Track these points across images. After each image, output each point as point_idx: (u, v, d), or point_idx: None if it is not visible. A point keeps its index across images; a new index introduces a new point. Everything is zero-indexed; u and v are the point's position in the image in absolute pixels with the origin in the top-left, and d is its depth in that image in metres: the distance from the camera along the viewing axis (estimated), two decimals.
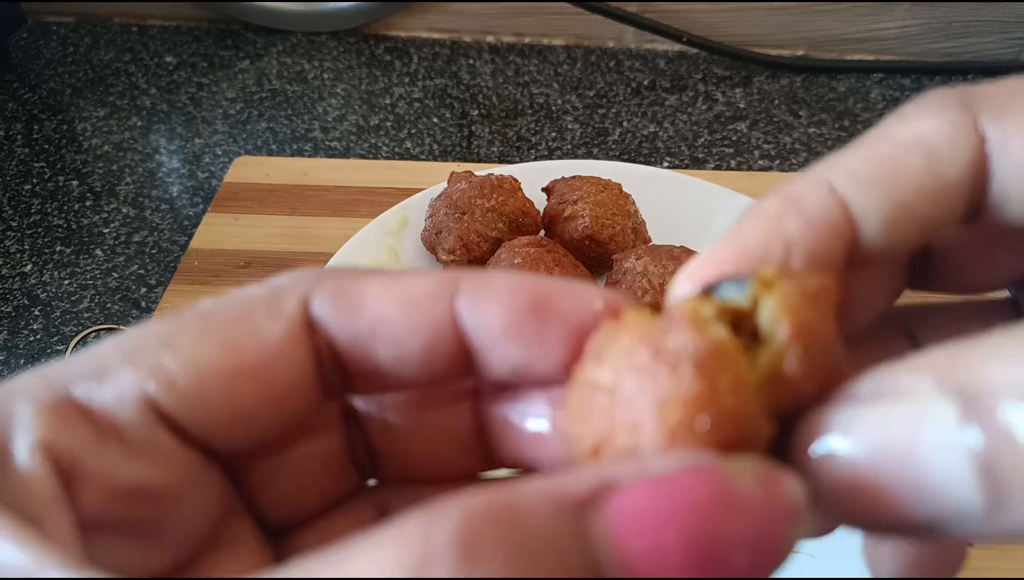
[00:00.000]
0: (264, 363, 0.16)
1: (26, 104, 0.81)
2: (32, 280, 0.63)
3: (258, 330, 0.16)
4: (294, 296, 0.17)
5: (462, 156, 0.76)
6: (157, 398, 0.15)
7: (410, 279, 0.17)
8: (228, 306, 0.17)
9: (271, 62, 0.87)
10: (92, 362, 0.16)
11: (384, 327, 0.17)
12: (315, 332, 0.17)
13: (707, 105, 0.82)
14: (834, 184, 0.17)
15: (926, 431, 0.13)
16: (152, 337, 0.16)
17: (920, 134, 0.16)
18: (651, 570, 0.12)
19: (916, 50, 0.88)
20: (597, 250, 0.56)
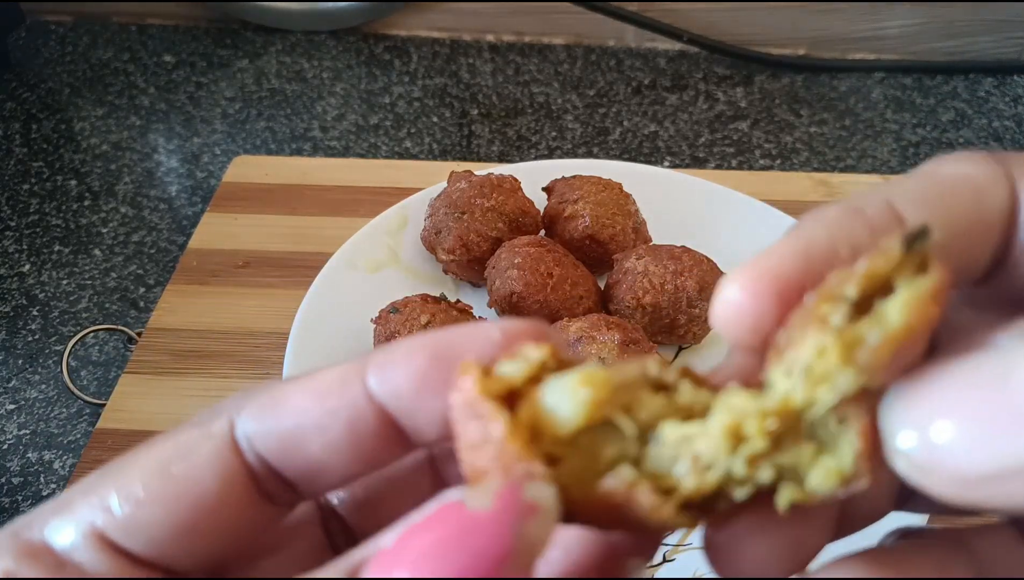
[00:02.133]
0: (194, 484, 0.17)
1: (24, 103, 0.81)
2: (30, 280, 0.62)
3: (189, 453, 0.17)
4: (225, 416, 0.18)
5: (462, 155, 0.75)
6: (104, 530, 0.17)
7: (322, 372, 0.18)
8: (169, 435, 0.18)
9: (270, 61, 0.87)
10: (58, 502, 0.18)
11: (306, 422, 0.18)
12: (241, 447, 0.18)
13: (708, 104, 0.82)
14: (893, 201, 0.17)
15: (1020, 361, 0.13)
16: (107, 473, 0.18)
17: (966, 174, 0.17)
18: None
19: (917, 49, 0.88)
20: (597, 250, 0.56)
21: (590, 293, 0.53)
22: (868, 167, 0.75)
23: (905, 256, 0.15)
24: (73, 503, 0.17)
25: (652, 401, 0.16)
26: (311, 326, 0.53)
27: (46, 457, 0.51)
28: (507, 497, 0.14)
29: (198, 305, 0.58)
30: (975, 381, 0.13)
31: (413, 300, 0.50)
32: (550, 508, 0.15)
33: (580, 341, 0.46)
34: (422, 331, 0.47)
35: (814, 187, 0.69)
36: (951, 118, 0.81)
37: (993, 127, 0.80)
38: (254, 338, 0.56)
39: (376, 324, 0.50)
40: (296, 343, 0.51)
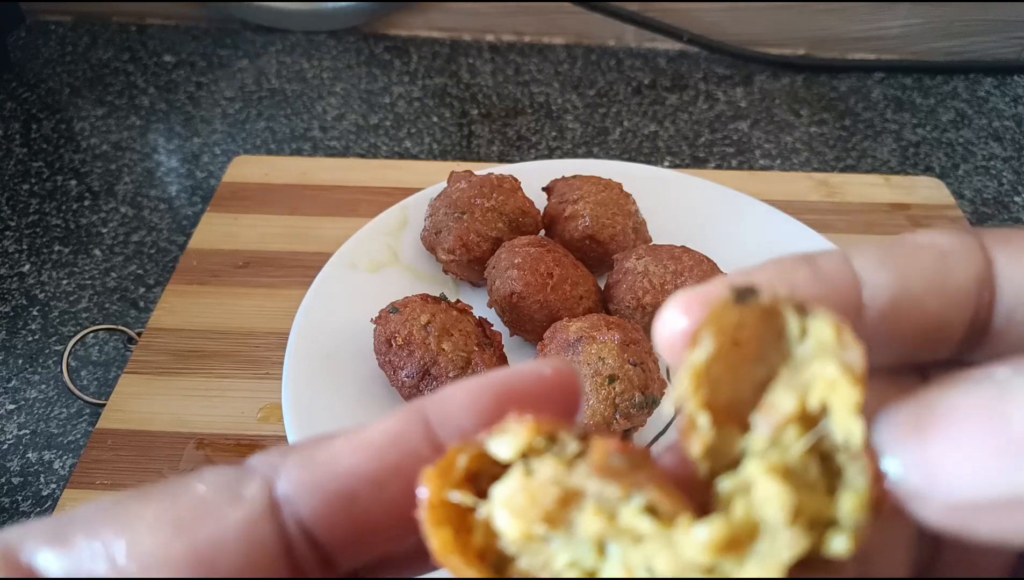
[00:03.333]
0: (220, 551, 0.16)
1: (24, 103, 0.81)
2: (30, 280, 0.62)
3: (217, 515, 0.16)
4: (258, 477, 0.16)
5: (462, 155, 0.75)
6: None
7: (375, 424, 0.17)
8: (195, 488, 0.16)
9: (270, 61, 0.87)
10: (55, 525, 0.16)
11: (362, 480, 0.16)
12: (279, 513, 0.16)
13: (708, 104, 0.82)
14: (851, 258, 0.17)
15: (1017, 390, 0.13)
16: (118, 514, 0.16)
17: (934, 241, 0.17)
18: None
19: (917, 49, 0.88)
20: (597, 250, 0.56)
21: (590, 293, 0.53)
22: (868, 167, 0.75)
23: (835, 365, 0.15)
24: (72, 540, 0.16)
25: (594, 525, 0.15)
26: (311, 326, 0.53)
27: (46, 457, 0.51)
28: None
29: (198, 305, 0.58)
30: (970, 409, 0.13)
31: (413, 300, 0.50)
32: None
33: (580, 341, 0.46)
34: (422, 331, 0.47)
35: (814, 187, 0.69)
36: (951, 118, 0.81)
37: (993, 127, 0.80)
38: (254, 338, 0.56)
39: (376, 324, 0.50)
40: (296, 343, 0.51)
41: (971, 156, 0.77)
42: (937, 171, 0.75)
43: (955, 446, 0.13)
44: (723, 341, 0.15)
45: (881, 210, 0.67)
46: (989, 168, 0.75)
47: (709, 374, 0.15)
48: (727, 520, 0.14)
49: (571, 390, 0.17)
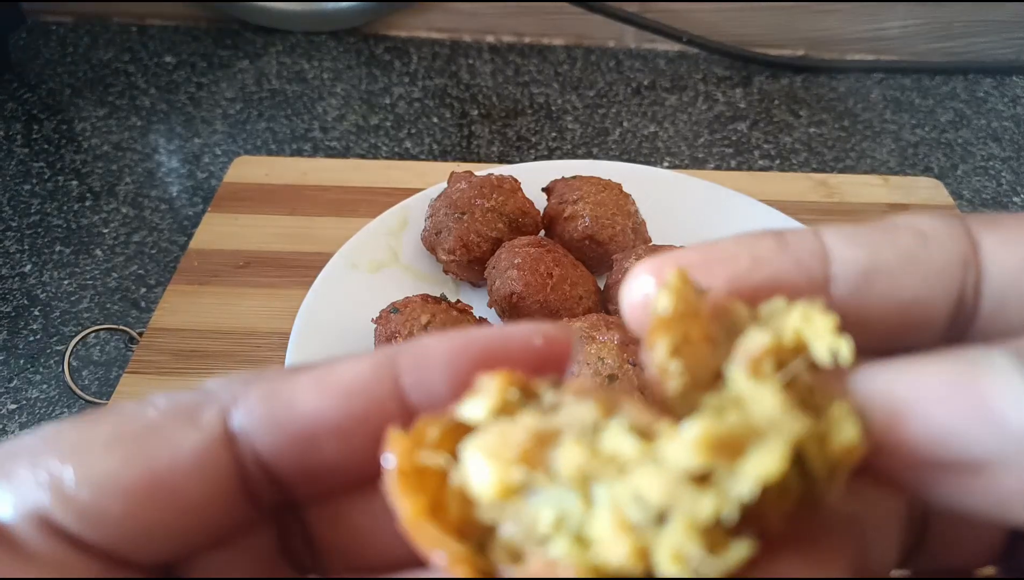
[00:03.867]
0: (173, 478, 0.15)
1: (25, 104, 0.81)
2: (31, 280, 0.63)
3: (170, 442, 0.15)
4: (215, 406, 0.16)
5: (462, 156, 0.76)
6: (52, 513, 0.15)
7: (340, 366, 0.16)
8: (146, 413, 0.16)
9: (271, 62, 0.87)
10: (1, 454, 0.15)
11: (325, 425, 0.16)
12: (235, 444, 0.16)
13: (707, 105, 0.82)
14: (821, 232, 0.17)
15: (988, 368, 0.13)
16: (63, 442, 0.15)
17: (913, 222, 0.17)
18: None
19: (916, 50, 0.88)
20: (597, 250, 0.56)
21: (590, 293, 0.53)
22: (867, 167, 0.75)
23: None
24: (15, 473, 0.15)
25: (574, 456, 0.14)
26: (312, 326, 0.53)
27: None
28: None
29: (199, 305, 0.58)
30: (941, 373, 0.13)
31: (413, 300, 0.50)
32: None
33: (580, 341, 0.47)
34: (423, 331, 0.48)
35: (813, 188, 0.70)
36: (950, 119, 0.81)
37: (992, 127, 0.80)
38: (255, 338, 0.56)
39: (376, 324, 0.50)
40: (297, 343, 0.52)
41: (970, 156, 0.77)
42: (936, 171, 0.75)
43: (924, 409, 0.13)
44: (685, 305, 0.15)
45: (880, 210, 0.68)
46: (988, 168, 0.75)
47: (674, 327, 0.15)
48: (716, 416, 0.13)
49: (563, 360, 0.16)
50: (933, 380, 0.13)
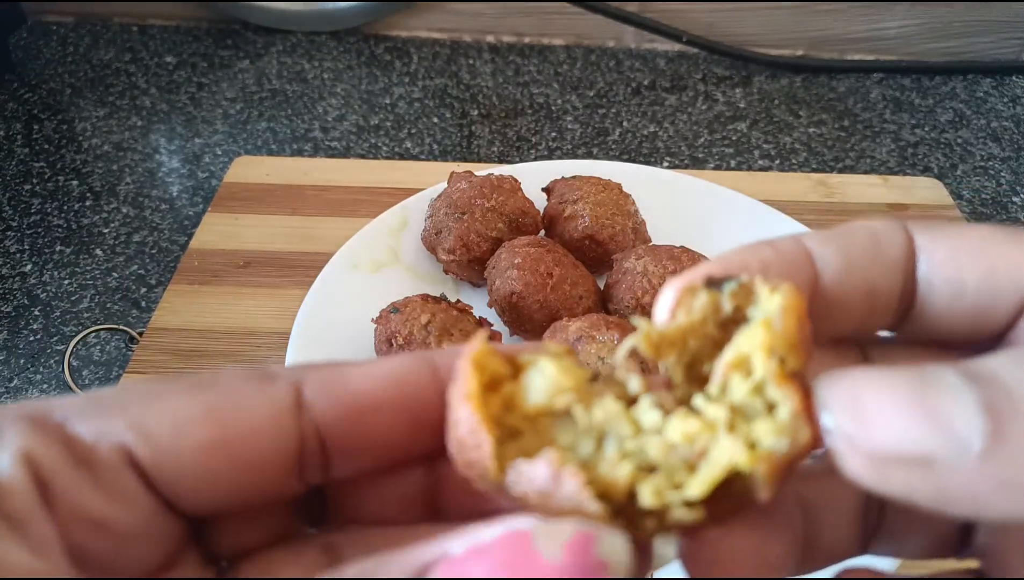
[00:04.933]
0: (245, 438, 0.17)
1: (26, 104, 0.81)
2: (32, 280, 0.63)
3: (246, 405, 0.17)
4: (285, 379, 0.18)
5: (462, 156, 0.76)
6: (133, 448, 0.17)
7: (391, 360, 0.19)
8: (221, 379, 0.18)
9: (271, 62, 0.87)
10: (87, 400, 0.17)
11: (372, 406, 0.18)
12: (302, 413, 0.18)
13: (707, 105, 0.82)
14: (801, 239, 0.20)
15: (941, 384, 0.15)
16: (147, 390, 0.17)
17: (865, 225, 0.20)
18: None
19: (916, 50, 0.88)
20: (597, 250, 0.56)
21: (590, 293, 0.54)
22: (866, 167, 0.75)
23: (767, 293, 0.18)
24: (107, 411, 0.17)
25: (613, 406, 0.17)
26: (312, 326, 0.53)
27: None
28: (578, 552, 0.14)
29: (199, 305, 0.58)
30: (898, 382, 0.15)
31: (413, 300, 0.50)
32: (622, 564, 0.15)
33: (580, 341, 0.47)
34: (423, 331, 0.48)
35: (813, 187, 0.70)
36: (949, 118, 0.81)
37: (992, 127, 0.80)
38: (255, 338, 0.56)
39: (377, 324, 0.50)
40: (297, 343, 0.52)
41: (969, 156, 0.77)
42: (935, 171, 0.75)
43: (882, 410, 0.15)
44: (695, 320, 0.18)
45: (880, 210, 0.68)
46: (987, 168, 0.75)
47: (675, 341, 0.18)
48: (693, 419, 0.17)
49: None
50: (895, 390, 0.15)
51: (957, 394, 0.15)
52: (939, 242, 0.20)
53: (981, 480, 0.15)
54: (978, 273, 0.19)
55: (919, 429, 0.15)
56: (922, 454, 0.15)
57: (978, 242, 0.19)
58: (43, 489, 0.16)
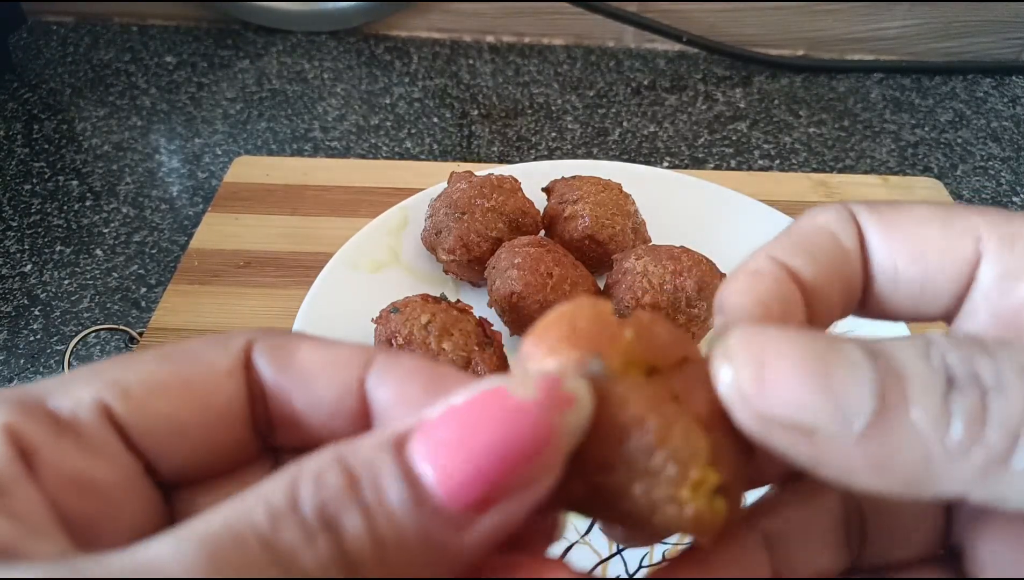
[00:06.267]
0: (205, 385, 0.19)
1: (26, 104, 0.81)
2: (32, 280, 0.63)
3: (205, 359, 0.19)
4: (240, 340, 0.19)
5: (462, 156, 0.76)
6: (111, 404, 0.18)
7: (336, 344, 0.20)
8: (186, 344, 0.19)
9: (271, 62, 0.87)
10: (64, 376, 0.18)
11: (305, 379, 0.19)
12: (251, 372, 0.19)
13: (707, 105, 0.82)
14: (774, 255, 0.21)
15: (841, 355, 0.16)
16: (117, 361, 0.19)
17: (820, 223, 0.21)
18: (447, 488, 0.15)
19: (916, 50, 0.88)
20: (597, 250, 0.56)
21: (590, 293, 0.54)
22: (866, 167, 0.75)
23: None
24: (83, 378, 0.18)
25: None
26: (312, 326, 0.53)
27: None
28: (549, 388, 0.16)
29: (199, 305, 0.58)
30: (805, 351, 0.16)
31: (413, 300, 0.50)
32: (587, 403, 0.16)
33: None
34: (423, 331, 0.48)
35: (813, 188, 0.70)
36: (949, 119, 0.81)
37: (992, 127, 0.80)
38: None
39: (377, 324, 0.50)
40: None
41: (969, 156, 0.77)
42: (935, 171, 0.75)
43: (781, 377, 0.16)
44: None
45: None
46: (987, 168, 0.75)
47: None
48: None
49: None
50: (799, 360, 0.16)
51: (855, 373, 0.16)
52: (878, 228, 0.21)
53: (855, 457, 0.16)
54: (907, 260, 0.20)
55: (811, 402, 0.16)
56: (808, 424, 0.16)
57: (912, 227, 0.20)
58: (27, 459, 0.16)
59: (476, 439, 0.15)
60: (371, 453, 0.15)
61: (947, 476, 0.15)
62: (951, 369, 0.16)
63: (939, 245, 0.20)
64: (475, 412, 0.15)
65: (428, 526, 0.15)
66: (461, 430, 0.15)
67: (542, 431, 0.15)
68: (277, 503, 0.14)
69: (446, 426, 0.15)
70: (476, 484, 0.15)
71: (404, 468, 0.15)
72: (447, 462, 0.15)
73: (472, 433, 0.15)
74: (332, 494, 0.15)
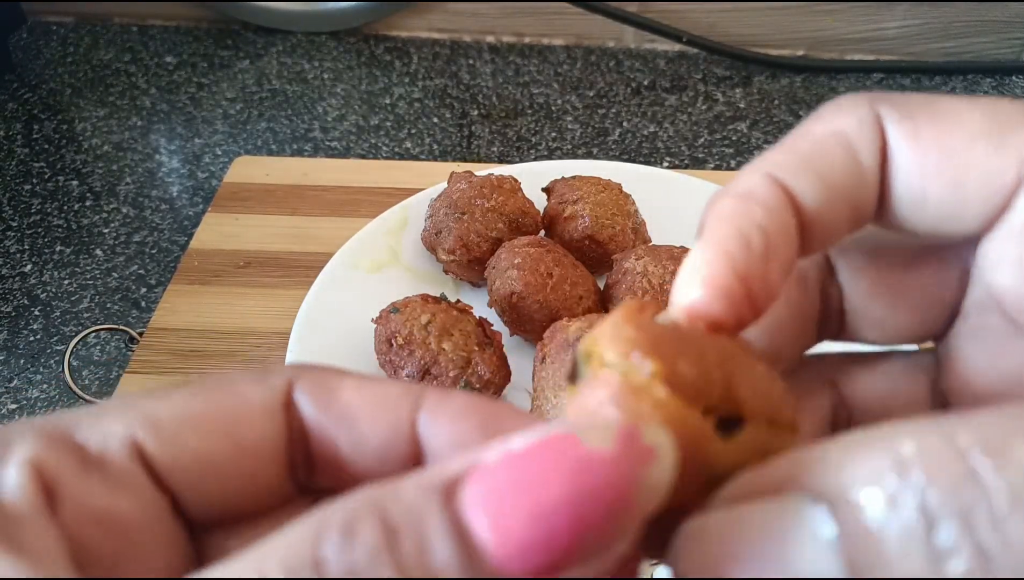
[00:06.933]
0: (240, 423, 0.18)
1: (26, 104, 0.81)
2: (32, 280, 0.63)
3: (242, 395, 0.18)
4: (280, 375, 0.18)
5: (462, 156, 0.76)
6: (142, 440, 0.17)
7: (382, 383, 0.19)
8: (224, 377, 0.19)
9: (271, 62, 0.87)
10: (95, 407, 0.18)
11: (351, 419, 0.18)
12: (292, 411, 0.18)
13: (707, 105, 0.82)
14: (774, 175, 0.19)
15: (796, 527, 0.14)
16: (153, 394, 0.18)
17: (837, 129, 0.19)
18: (504, 552, 0.13)
19: (916, 50, 0.88)
20: (597, 250, 0.56)
21: (590, 293, 0.54)
22: None
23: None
24: (114, 410, 0.17)
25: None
26: (312, 326, 0.53)
27: None
28: (628, 441, 0.14)
29: (199, 305, 0.58)
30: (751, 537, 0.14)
31: (413, 300, 0.50)
32: (670, 456, 0.14)
33: (580, 341, 0.47)
34: (423, 331, 0.48)
35: None
36: None
37: None
38: (255, 338, 0.56)
39: (377, 324, 0.50)
40: (297, 343, 0.52)
41: None
42: None
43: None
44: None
45: None
46: None
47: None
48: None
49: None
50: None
51: (816, 548, 0.14)
52: (909, 144, 0.18)
53: None
54: (942, 186, 0.18)
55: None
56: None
57: (955, 147, 0.18)
58: (49, 494, 0.16)
59: (542, 493, 0.13)
60: (415, 500, 0.13)
61: None
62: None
63: (983, 169, 0.17)
64: (541, 461, 0.13)
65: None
66: (524, 480, 0.13)
67: (621, 489, 0.13)
68: (296, 561, 0.13)
69: (507, 474, 0.13)
70: (539, 547, 0.13)
71: (454, 520, 0.13)
72: (506, 517, 0.13)
73: (538, 486, 0.13)
74: (364, 553, 0.13)
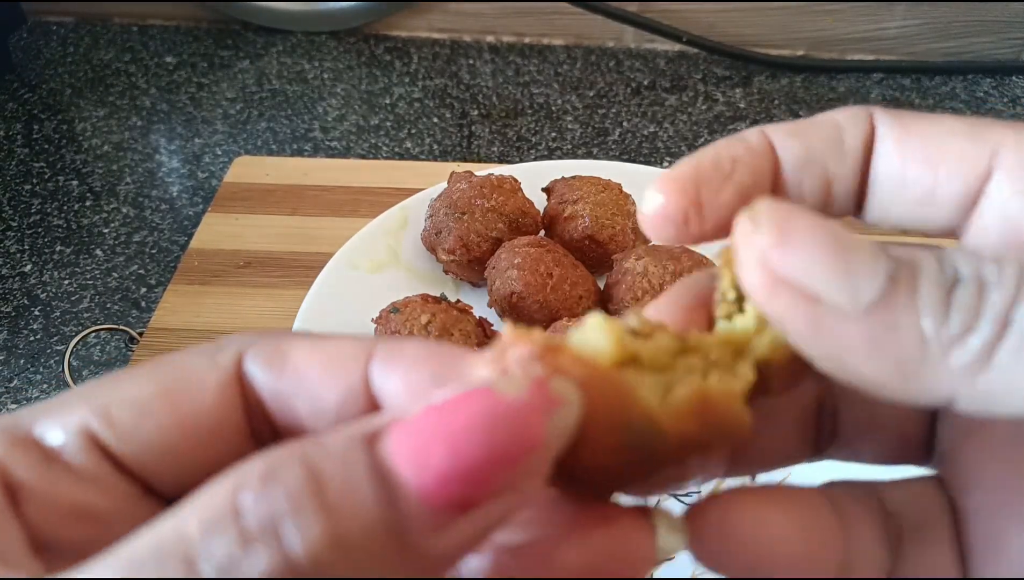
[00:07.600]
0: (195, 405, 0.18)
1: (26, 104, 0.81)
2: (32, 280, 0.63)
3: (194, 376, 0.18)
4: (230, 351, 0.19)
5: (462, 156, 0.76)
6: (98, 432, 0.17)
7: (332, 342, 0.19)
8: (175, 358, 0.19)
9: (271, 62, 0.87)
10: (51, 401, 0.18)
11: (304, 383, 0.18)
12: (245, 384, 0.18)
13: (707, 105, 0.82)
14: (766, 131, 0.21)
15: (861, 241, 0.16)
16: (106, 382, 0.18)
17: (831, 117, 0.21)
18: (423, 486, 0.14)
19: (916, 50, 0.88)
20: (597, 250, 0.56)
21: (590, 293, 0.54)
22: None
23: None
24: (68, 405, 0.18)
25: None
26: (312, 326, 0.53)
27: None
28: (538, 390, 0.15)
29: (199, 305, 0.58)
30: (829, 229, 0.16)
31: (413, 300, 0.50)
32: (575, 404, 0.16)
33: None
34: (423, 331, 0.48)
35: None
36: None
37: None
38: None
39: (377, 324, 0.50)
40: None
41: None
42: None
43: (802, 239, 0.16)
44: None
45: None
46: None
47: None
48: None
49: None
50: (822, 232, 0.16)
51: (873, 258, 0.16)
52: (894, 132, 0.20)
53: (853, 334, 0.16)
54: (919, 165, 0.19)
55: (825, 269, 0.16)
56: (816, 290, 0.16)
57: (932, 135, 0.20)
58: (11, 492, 0.16)
59: (458, 437, 0.14)
60: (339, 446, 0.14)
61: (938, 369, 0.16)
62: (959, 271, 0.16)
63: (958, 155, 0.19)
64: (458, 411, 0.14)
65: (400, 527, 0.14)
66: (442, 428, 0.14)
67: (529, 429, 0.14)
68: (213, 513, 0.13)
69: (426, 423, 0.14)
70: (455, 483, 0.14)
71: (376, 464, 0.14)
72: (425, 459, 0.14)
73: (454, 431, 0.14)
74: (286, 497, 0.14)
